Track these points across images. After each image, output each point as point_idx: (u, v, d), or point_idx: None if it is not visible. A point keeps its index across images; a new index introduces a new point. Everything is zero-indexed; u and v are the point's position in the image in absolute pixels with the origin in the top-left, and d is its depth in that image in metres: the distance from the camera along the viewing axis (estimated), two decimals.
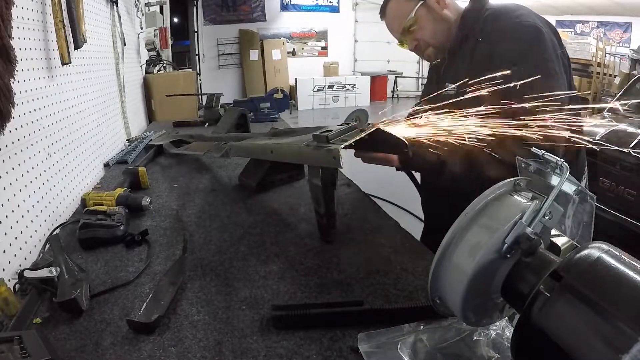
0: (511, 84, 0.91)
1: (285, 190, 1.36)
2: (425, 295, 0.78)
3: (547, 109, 0.85)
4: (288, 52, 9.29)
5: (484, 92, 0.91)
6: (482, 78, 0.94)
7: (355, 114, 1.19)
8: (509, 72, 0.91)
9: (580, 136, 0.80)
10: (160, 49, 3.24)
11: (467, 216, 0.56)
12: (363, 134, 0.94)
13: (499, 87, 0.93)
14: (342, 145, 0.86)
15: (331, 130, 0.92)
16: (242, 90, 8.82)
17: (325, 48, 9.75)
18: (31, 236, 0.98)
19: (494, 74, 0.92)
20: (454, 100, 0.97)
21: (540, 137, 0.80)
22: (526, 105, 0.85)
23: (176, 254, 0.96)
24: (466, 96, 0.96)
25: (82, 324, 0.72)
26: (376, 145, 1.03)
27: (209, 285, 0.84)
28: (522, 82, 0.90)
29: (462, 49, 1.11)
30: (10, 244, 0.88)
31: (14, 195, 0.92)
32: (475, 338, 0.65)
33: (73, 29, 1.26)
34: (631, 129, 3.02)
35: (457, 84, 1.04)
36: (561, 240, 0.59)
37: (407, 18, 1.13)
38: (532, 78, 0.90)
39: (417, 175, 1.33)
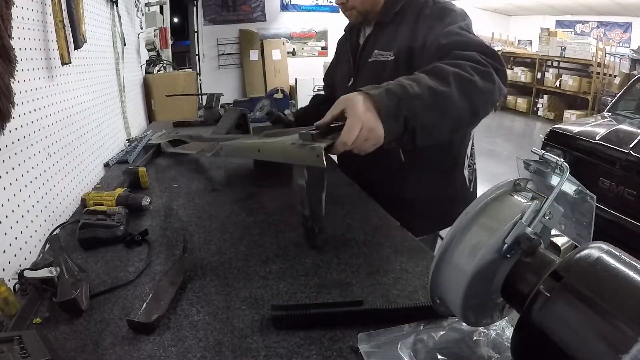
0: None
1: (285, 190, 1.36)
2: (425, 295, 0.78)
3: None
4: (288, 52, 9.28)
5: None
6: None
7: (262, 102, 1.23)
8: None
9: None
10: (160, 49, 3.24)
11: (467, 216, 0.56)
12: None
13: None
14: (325, 144, 0.80)
15: (319, 129, 0.85)
16: (242, 90, 8.82)
17: (325, 48, 9.73)
18: (31, 236, 0.98)
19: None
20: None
21: None
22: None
23: (176, 254, 0.96)
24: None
25: (82, 324, 0.72)
26: None
27: (209, 285, 0.84)
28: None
29: (393, 23, 1.20)
30: (10, 244, 0.88)
31: (14, 195, 0.92)
32: (475, 338, 0.65)
33: (73, 29, 1.26)
34: (631, 129, 3.02)
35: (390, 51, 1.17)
36: (561, 240, 0.59)
37: None
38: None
39: None
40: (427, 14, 1.13)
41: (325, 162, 0.77)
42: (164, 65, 3.39)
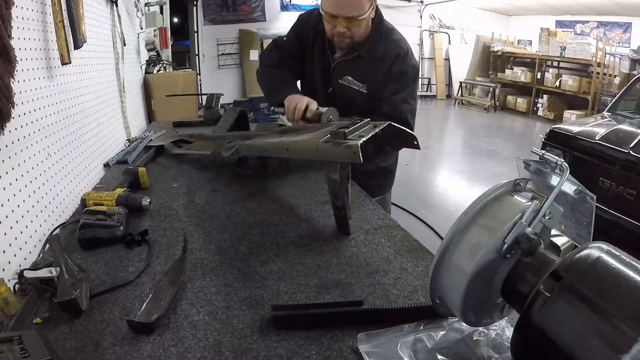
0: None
1: (284, 190, 1.36)
2: (425, 295, 0.78)
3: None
4: None
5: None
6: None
7: (328, 113, 1.33)
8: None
9: None
10: (160, 49, 3.24)
11: (467, 216, 0.56)
12: (377, 129, 0.98)
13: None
14: (361, 141, 0.87)
15: (347, 127, 0.95)
16: (242, 90, 8.81)
17: None
18: (31, 236, 0.98)
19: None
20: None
21: None
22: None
23: (176, 254, 0.96)
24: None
25: (82, 324, 0.72)
26: (388, 139, 1.07)
27: (209, 285, 0.84)
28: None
29: (368, 58, 1.45)
30: (10, 244, 0.88)
31: (14, 195, 0.92)
32: (475, 338, 0.65)
33: (73, 29, 1.26)
34: (631, 129, 3.01)
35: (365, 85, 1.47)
36: (561, 240, 0.59)
37: (360, 12, 1.34)
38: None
39: None
40: (394, 71, 1.43)
41: (361, 158, 0.85)
42: (164, 65, 3.38)
